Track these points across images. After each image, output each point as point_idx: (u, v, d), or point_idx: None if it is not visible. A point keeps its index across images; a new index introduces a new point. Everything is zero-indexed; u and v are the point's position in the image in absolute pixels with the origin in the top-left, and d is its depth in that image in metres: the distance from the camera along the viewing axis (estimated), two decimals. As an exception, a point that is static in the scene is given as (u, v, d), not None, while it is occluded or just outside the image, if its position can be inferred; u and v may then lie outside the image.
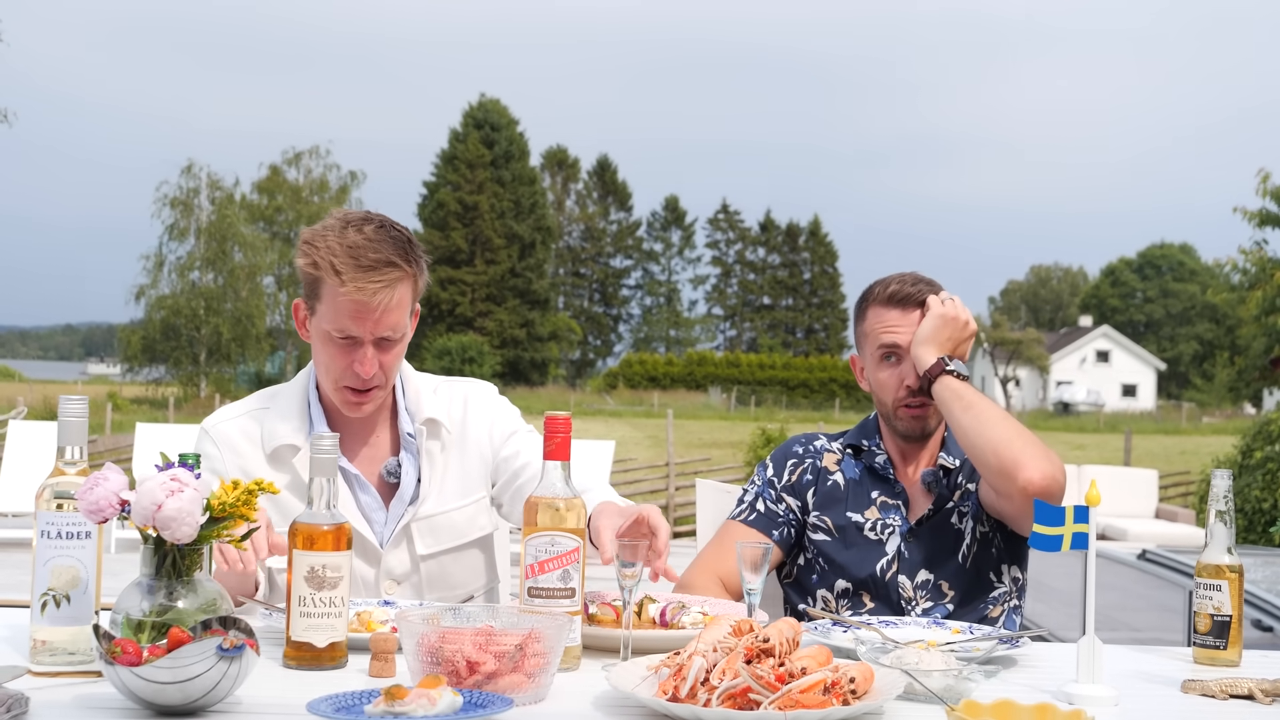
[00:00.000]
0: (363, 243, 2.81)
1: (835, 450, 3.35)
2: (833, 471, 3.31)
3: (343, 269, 2.79)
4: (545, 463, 2.36)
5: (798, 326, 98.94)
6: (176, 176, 58.46)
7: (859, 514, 3.22)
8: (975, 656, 2.42)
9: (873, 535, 3.19)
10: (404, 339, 2.94)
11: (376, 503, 3.03)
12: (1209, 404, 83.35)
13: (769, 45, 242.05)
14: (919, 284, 3.24)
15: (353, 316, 2.83)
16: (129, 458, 14.57)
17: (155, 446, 12.53)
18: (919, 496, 3.25)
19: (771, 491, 3.32)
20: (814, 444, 3.39)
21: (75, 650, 2.19)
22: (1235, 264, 20.57)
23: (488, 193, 77.06)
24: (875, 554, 3.18)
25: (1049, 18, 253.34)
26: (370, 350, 2.87)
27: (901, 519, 3.20)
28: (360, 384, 2.90)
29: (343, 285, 2.79)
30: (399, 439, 3.07)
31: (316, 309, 2.90)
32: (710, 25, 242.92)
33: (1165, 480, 18.35)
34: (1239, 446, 13.54)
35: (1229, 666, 2.57)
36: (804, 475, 3.31)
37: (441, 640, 2.05)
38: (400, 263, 2.83)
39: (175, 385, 54.61)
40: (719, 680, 1.99)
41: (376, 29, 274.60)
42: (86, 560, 2.22)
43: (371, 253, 2.80)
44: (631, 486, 18.27)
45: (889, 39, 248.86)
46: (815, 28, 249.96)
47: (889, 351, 3.21)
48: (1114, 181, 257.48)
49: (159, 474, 2.11)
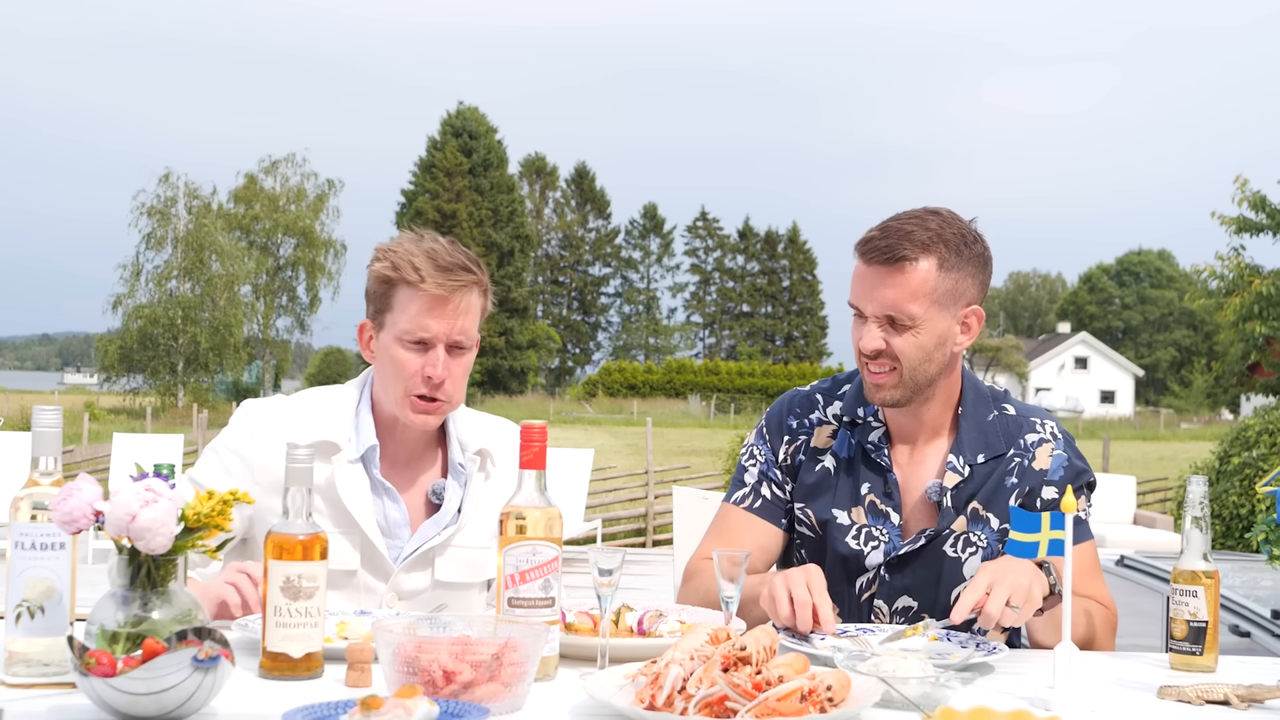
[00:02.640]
0: (439, 249, 2.94)
1: (831, 421, 3.05)
2: (823, 452, 3.03)
3: (422, 267, 2.90)
4: (521, 471, 2.36)
5: (777, 334, 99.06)
6: (154, 185, 58.18)
7: (844, 512, 2.96)
8: (952, 664, 2.43)
9: (854, 544, 2.95)
10: (472, 351, 3.00)
11: (404, 519, 3.02)
12: (1187, 410, 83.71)
13: (747, 53, 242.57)
14: (901, 238, 2.82)
15: (431, 313, 2.91)
16: (106, 468, 14.51)
17: (133, 457, 12.50)
18: (915, 503, 2.97)
19: (776, 473, 3.07)
20: (810, 416, 3.08)
21: (50, 662, 2.18)
22: (1213, 270, 20.60)
23: (466, 201, 76.98)
24: (852, 568, 2.96)
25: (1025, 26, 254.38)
26: (442, 353, 2.93)
27: (891, 533, 2.94)
28: (430, 390, 2.94)
29: (423, 282, 2.89)
30: (447, 464, 3.10)
31: (386, 320, 2.97)
32: (689, 33, 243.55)
33: (1143, 486, 18.39)
34: (1216, 452, 13.57)
35: (1205, 672, 2.58)
36: (797, 454, 3.05)
37: (418, 650, 2.04)
38: (474, 269, 2.96)
39: (153, 395, 54.36)
40: (696, 688, 1.99)
41: (353, 37, 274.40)
42: (61, 571, 2.21)
43: (448, 256, 2.93)
44: (610, 495, 18.23)
45: (865, 47, 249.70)
46: (793, 35, 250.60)
47: (854, 310, 2.92)
48: (1092, 188, 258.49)
49: (133, 484, 2.10)
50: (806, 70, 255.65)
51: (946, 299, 2.85)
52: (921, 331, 2.84)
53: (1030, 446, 3.01)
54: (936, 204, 2.95)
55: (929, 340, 2.85)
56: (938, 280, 2.83)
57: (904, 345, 2.84)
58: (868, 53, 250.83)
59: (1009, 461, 2.98)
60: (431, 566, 3.03)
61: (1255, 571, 6.14)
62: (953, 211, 2.92)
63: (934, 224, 2.84)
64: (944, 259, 2.83)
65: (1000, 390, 3.13)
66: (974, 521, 2.94)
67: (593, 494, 16.90)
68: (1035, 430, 3.03)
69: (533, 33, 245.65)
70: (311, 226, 65.16)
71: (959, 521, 2.94)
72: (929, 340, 2.85)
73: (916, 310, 2.82)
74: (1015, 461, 2.99)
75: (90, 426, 23.44)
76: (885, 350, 2.85)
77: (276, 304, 65.77)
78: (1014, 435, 3.02)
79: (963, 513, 2.94)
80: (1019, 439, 3.01)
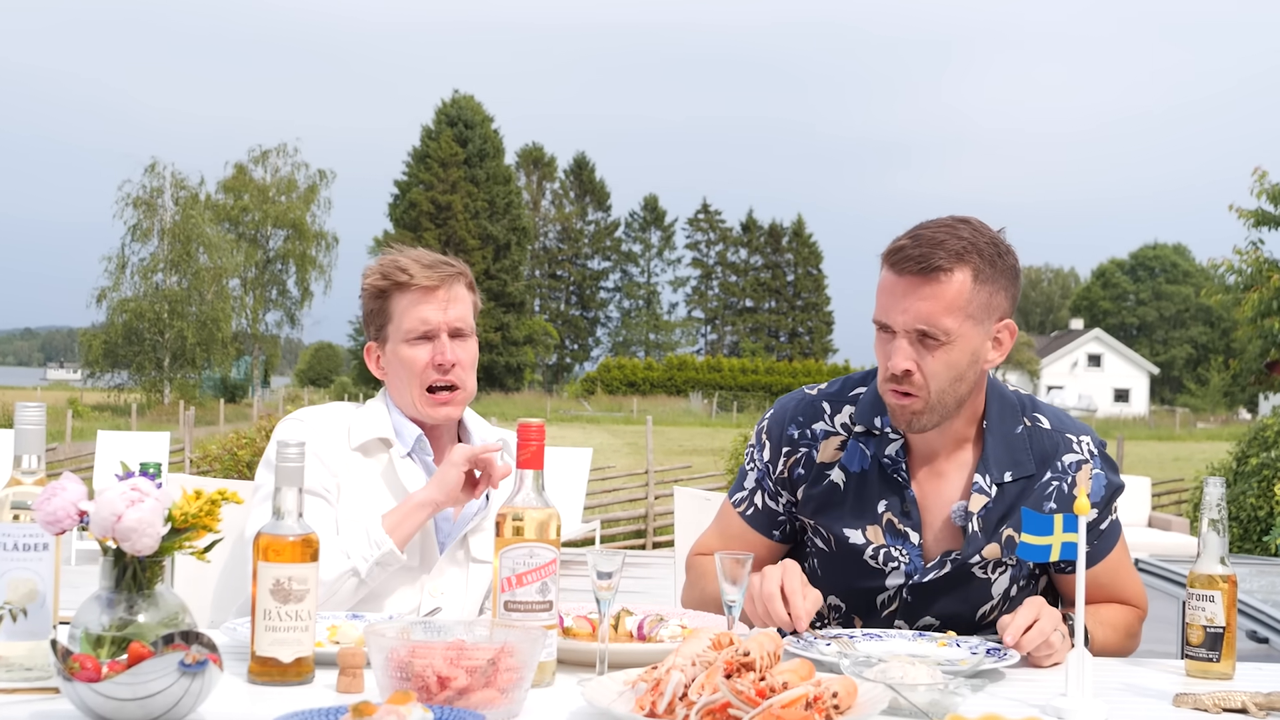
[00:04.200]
0: (421, 252, 3.26)
1: (839, 431, 2.95)
2: (831, 466, 2.93)
3: (408, 267, 3.19)
4: (518, 471, 2.36)
5: (781, 330, 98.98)
6: (139, 176, 58.43)
7: (859, 532, 2.89)
8: (962, 670, 2.43)
9: (873, 563, 2.89)
10: (475, 340, 3.27)
11: (445, 511, 3.16)
12: (1203, 409, 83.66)
13: (752, 39, 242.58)
14: (935, 246, 2.71)
15: (427, 304, 3.18)
16: (90, 467, 14.51)
17: (118, 455, 12.50)
18: (938, 523, 2.89)
19: (769, 483, 3.02)
20: (813, 426, 2.97)
21: (32, 666, 2.18)
22: (1230, 265, 20.63)
23: (461, 192, 76.92)
24: (873, 585, 2.91)
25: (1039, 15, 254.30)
26: (447, 340, 3.19)
27: (912, 552, 2.87)
28: (443, 377, 3.18)
29: (413, 279, 3.18)
30: None
31: (389, 332, 3.23)
32: (691, 19, 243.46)
33: (1158, 488, 18.38)
34: (1234, 453, 13.58)
35: (1222, 679, 2.58)
36: (796, 468, 2.97)
37: (411, 655, 2.04)
38: (456, 264, 3.26)
39: (138, 391, 54.39)
40: (698, 695, 1.99)
41: (346, 23, 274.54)
42: (44, 573, 2.21)
43: (429, 256, 3.24)
44: (610, 495, 18.24)
45: (874, 32, 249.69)
46: (799, 19, 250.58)
47: (881, 325, 2.80)
48: (1105, 180, 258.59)
49: (119, 483, 2.10)
50: (812, 56, 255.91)
51: (981, 313, 2.76)
52: (954, 348, 2.74)
53: (1069, 469, 2.91)
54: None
55: (962, 358, 2.76)
56: (973, 293, 2.74)
57: (935, 366, 2.75)
58: (876, 37, 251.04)
59: (1046, 485, 2.89)
60: (467, 549, 3.22)
61: (1274, 575, 6.14)
62: (981, 220, 2.83)
63: (966, 233, 2.75)
64: (979, 270, 2.74)
65: (1027, 397, 3.02)
66: (1008, 549, 2.87)
67: (591, 494, 16.89)
68: (1073, 450, 2.93)
69: (529, 19, 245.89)
70: (302, 218, 65.18)
71: (990, 549, 2.87)
72: (962, 358, 2.76)
73: (951, 324, 2.72)
74: (1054, 486, 2.90)
75: (74, 424, 23.46)
76: (914, 371, 2.75)
77: (266, 298, 65.79)
78: (1049, 454, 2.91)
79: (994, 539, 2.87)
80: (1055, 460, 2.91)
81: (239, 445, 14.49)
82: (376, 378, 3.30)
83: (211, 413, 38.40)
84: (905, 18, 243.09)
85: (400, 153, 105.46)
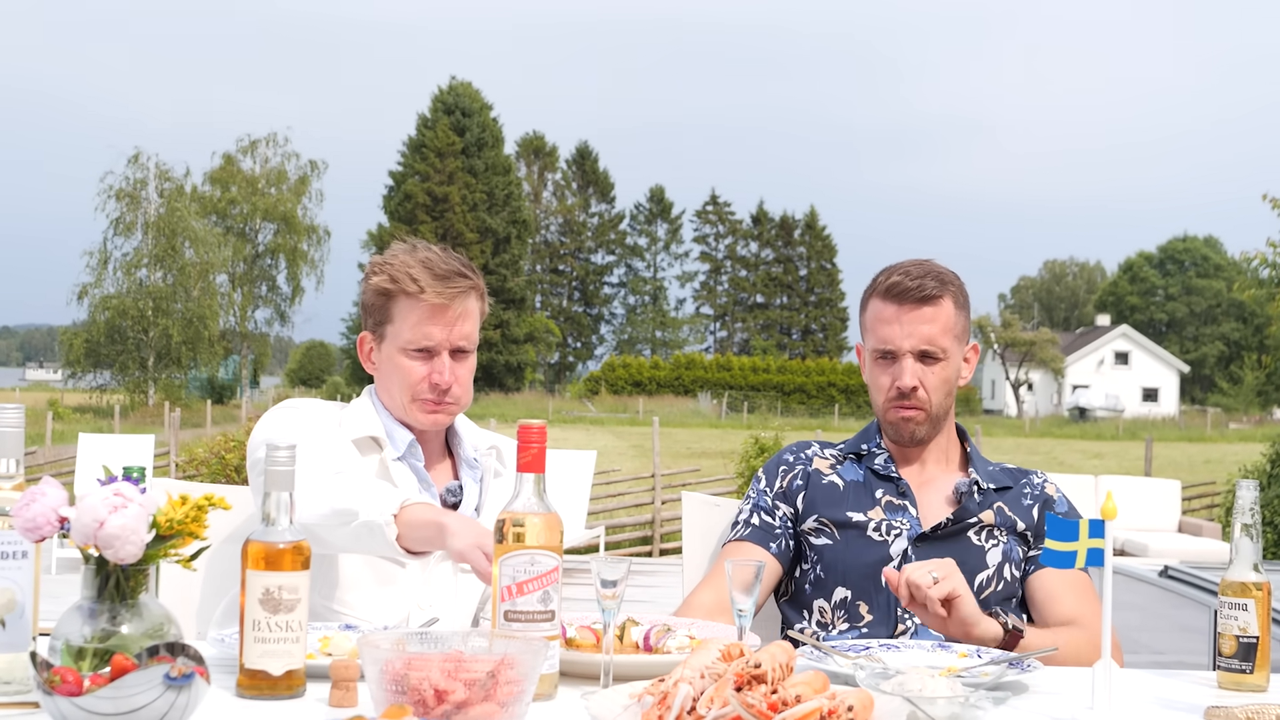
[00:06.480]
0: (434, 257, 3.19)
1: (830, 456, 3.39)
2: (827, 474, 3.34)
3: (420, 277, 3.14)
4: (519, 475, 2.36)
5: (793, 327, 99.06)
6: (122, 167, 58.41)
7: (861, 513, 3.24)
8: (983, 682, 2.43)
9: (876, 536, 3.21)
10: (474, 353, 3.27)
11: None
12: (1235, 409, 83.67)
13: (760, 24, 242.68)
14: (924, 277, 3.22)
15: (433, 321, 3.16)
16: (71, 471, 14.53)
17: (100, 459, 12.53)
18: (932, 501, 3.28)
19: (766, 501, 3.34)
20: (805, 451, 3.42)
21: (11, 679, 2.19)
22: (1264, 258, 20.56)
23: (459, 183, 77.04)
24: (878, 555, 3.18)
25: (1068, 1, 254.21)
26: (447, 359, 3.18)
27: (911, 521, 3.22)
28: (438, 395, 3.19)
29: (422, 292, 3.14)
30: (457, 467, 3.35)
31: (387, 332, 3.22)
32: (699, 2, 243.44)
33: (1189, 491, 18.39)
34: (1267, 454, 13.59)
35: (1256, 692, 2.58)
36: (794, 480, 3.34)
37: (407, 667, 2.04)
38: (470, 274, 3.21)
39: (121, 392, 54.49)
40: (706, 709, 1.99)
41: (338, 6, 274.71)
42: (23, 582, 2.21)
43: (443, 264, 3.18)
44: (614, 500, 18.25)
45: (888, 16, 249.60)
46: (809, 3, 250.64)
47: (883, 352, 3.25)
48: (1133, 171, 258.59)
49: (101, 488, 2.10)
50: (823, 42, 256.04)
51: (962, 334, 3.31)
52: (949, 365, 3.26)
53: (1039, 484, 3.40)
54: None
55: (953, 374, 3.28)
56: (956, 317, 3.27)
57: (934, 381, 3.24)
58: (891, 22, 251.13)
59: (1023, 487, 3.37)
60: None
61: (1310, 583, 6.13)
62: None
63: (940, 268, 3.28)
64: (957, 298, 3.28)
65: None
66: (1001, 517, 3.26)
67: (595, 499, 16.91)
68: (1037, 475, 3.43)
69: (530, 3, 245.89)
70: (293, 211, 65.33)
71: (986, 514, 3.25)
72: (953, 374, 3.28)
73: (947, 343, 3.24)
74: (1027, 490, 3.37)
75: (54, 426, 23.47)
76: (919, 387, 3.23)
77: (255, 294, 65.94)
78: (1019, 476, 3.41)
79: (989, 508, 3.26)
80: (1025, 478, 3.41)
81: (226, 448, 14.47)
82: (368, 372, 3.30)
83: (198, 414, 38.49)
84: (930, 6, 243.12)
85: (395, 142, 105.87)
